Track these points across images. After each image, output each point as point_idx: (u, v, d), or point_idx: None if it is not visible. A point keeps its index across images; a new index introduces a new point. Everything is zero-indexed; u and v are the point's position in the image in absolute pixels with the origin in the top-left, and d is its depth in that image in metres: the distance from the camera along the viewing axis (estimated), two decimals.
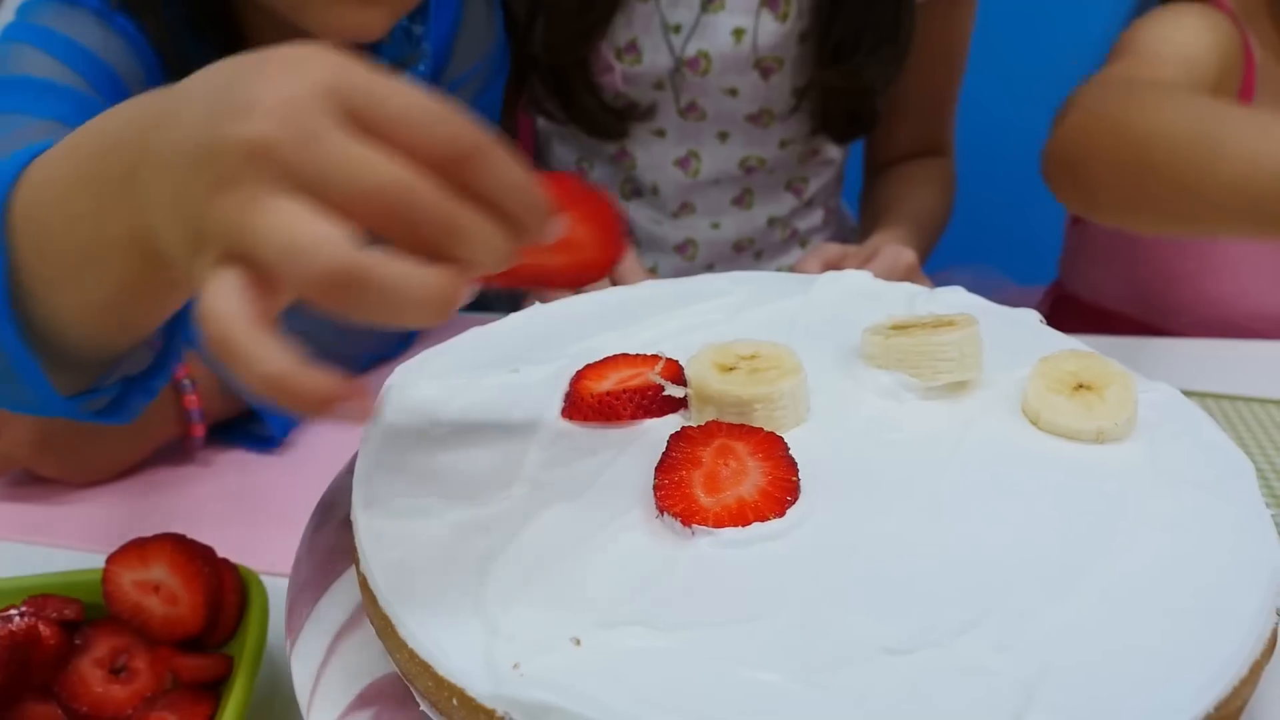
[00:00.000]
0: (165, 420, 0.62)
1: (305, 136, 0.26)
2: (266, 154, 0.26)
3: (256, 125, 0.26)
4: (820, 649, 0.26)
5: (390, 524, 0.31)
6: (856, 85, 0.90)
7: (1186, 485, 0.33)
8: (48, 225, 0.36)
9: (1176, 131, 0.57)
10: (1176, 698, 0.25)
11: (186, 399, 0.62)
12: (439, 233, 0.27)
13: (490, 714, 0.25)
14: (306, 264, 0.25)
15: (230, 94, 0.27)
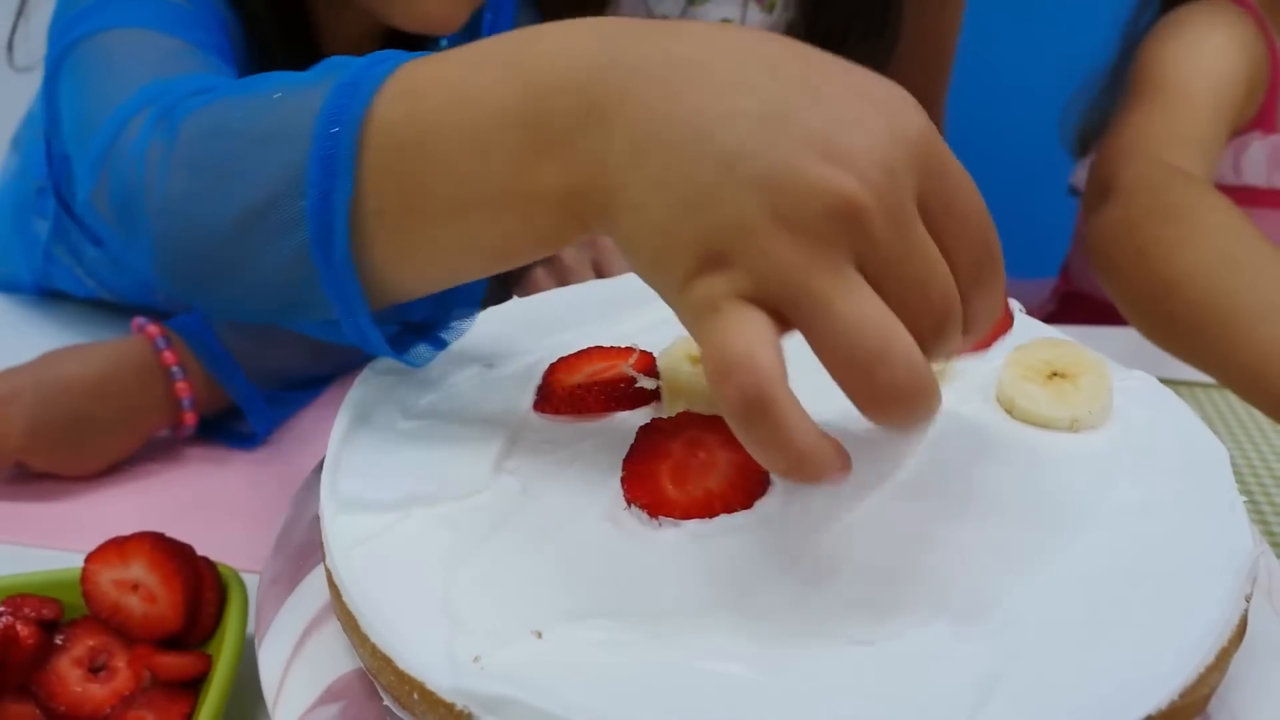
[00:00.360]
0: (157, 409, 0.62)
1: (897, 217, 0.24)
2: (856, 219, 0.24)
3: (852, 184, 0.24)
4: (781, 640, 0.26)
5: (357, 519, 0.31)
6: None
7: (1159, 472, 0.33)
8: (441, 159, 0.30)
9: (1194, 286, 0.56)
10: (1140, 685, 0.24)
11: (178, 386, 0.62)
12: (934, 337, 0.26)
13: (450, 708, 0.25)
14: (879, 379, 0.24)
15: (812, 120, 0.25)
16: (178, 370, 0.62)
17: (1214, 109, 0.72)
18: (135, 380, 0.61)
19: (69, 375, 0.60)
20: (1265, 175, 0.80)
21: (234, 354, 0.65)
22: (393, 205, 0.31)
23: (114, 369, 0.61)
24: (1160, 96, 0.74)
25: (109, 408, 0.60)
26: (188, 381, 0.63)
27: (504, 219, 0.30)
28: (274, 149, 0.33)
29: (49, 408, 0.59)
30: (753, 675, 0.25)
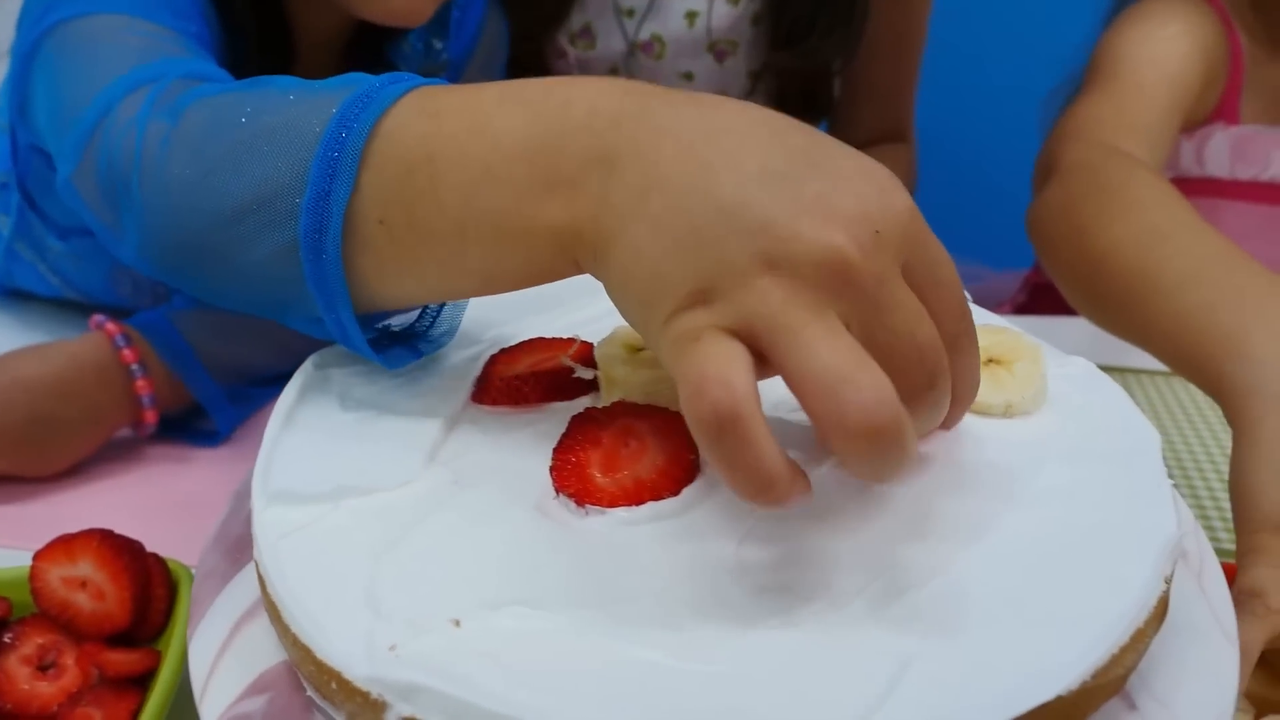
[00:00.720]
0: (117, 408, 0.62)
1: (881, 273, 0.26)
2: (843, 272, 0.25)
3: (841, 239, 0.25)
4: (701, 626, 0.26)
5: (287, 511, 0.31)
6: (811, 67, 0.90)
7: (1090, 457, 0.33)
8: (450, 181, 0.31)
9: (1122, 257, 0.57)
10: (1052, 666, 0.24)
11: (138, 384, 0.61)
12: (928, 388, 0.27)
13: (365, 696, 0.25)
14: (847, 401, 0.24)
15: (810, 183, 0.26)
16: (138, 368, 0.62)
17: (1165, 98, 0.73)
18: (95, 379, 0.61)
19: (27, 375, 0.60)
20: (1228, 167, 0.80)
21: (196, 350, 0.64)
22: (396, 218, 0.32)
23: (73, 368, 0.61)
24: (1112, 84, 0.74)
25: (69, 407, 0.60)
26: (148, 379, 0.62)
27: (501, 247, 0.31)
28: (282, 145, 0.34)
29: (8, 409, 0.58)
30: (669, 661, 0.25)
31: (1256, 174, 0.80)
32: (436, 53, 0.71)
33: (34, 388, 0.59)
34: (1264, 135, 0.79)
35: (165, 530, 0.50)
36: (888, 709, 0.23)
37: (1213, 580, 0.34)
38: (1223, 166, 0.81)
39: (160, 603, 0.47)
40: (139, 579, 0.46)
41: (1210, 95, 0.80)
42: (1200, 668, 0.30)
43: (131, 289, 0.75)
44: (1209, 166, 0.81)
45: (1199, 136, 0.80)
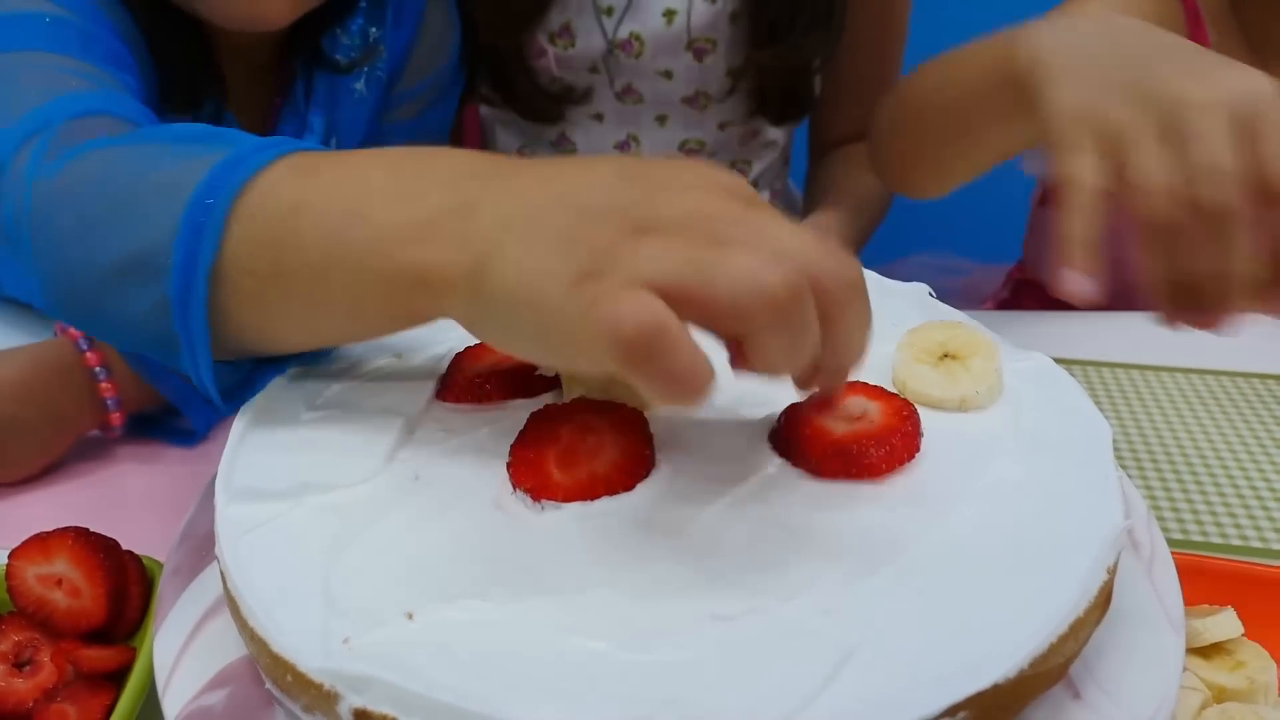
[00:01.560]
0: (82, 411, 0.62)
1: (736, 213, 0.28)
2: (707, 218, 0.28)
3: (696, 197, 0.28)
4: (649, 617, 0.26)
5: (249, 508, 0.31)
6: (792, 64, 0.90)
7: (1042, 450, 0.34)
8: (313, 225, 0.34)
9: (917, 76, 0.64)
10: (989, 654, 0.25)
11: (101, 387, 0.62)
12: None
13: (319, 688, 0.25)
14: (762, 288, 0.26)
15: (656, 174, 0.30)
16: (101, 370, 0.62)
17: None
18: (58, 382, 0.61)
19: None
20: None
21: None
22: (262, 267, 0.34)
23: (36, 371, 0.61)
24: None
25: (33, 411, 0.60)
26: (112, 382, 0.62)
27: (362, 289, 0.33)
28: (154, 205, 0.36)
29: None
30: (615, 651, 0.25)
31: None
32: (374, 43, 0.70)
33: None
34: None
35: (140, 528, 0.50)
36: (828, 696, 0.24)
37: (1163, 571, 0.34)
38: None
39: (136, 600, 0.47)
40: (114, 576, 0.46)
41: None
42: (1145, 656, 0.30)
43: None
44: None
45: None
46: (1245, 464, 0.61)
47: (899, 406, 0.34)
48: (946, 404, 0.36)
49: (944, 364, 0.36)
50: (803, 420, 0.33)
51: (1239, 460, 0.61)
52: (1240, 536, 0.55)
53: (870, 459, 0.31)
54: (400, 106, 0.74)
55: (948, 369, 0.36)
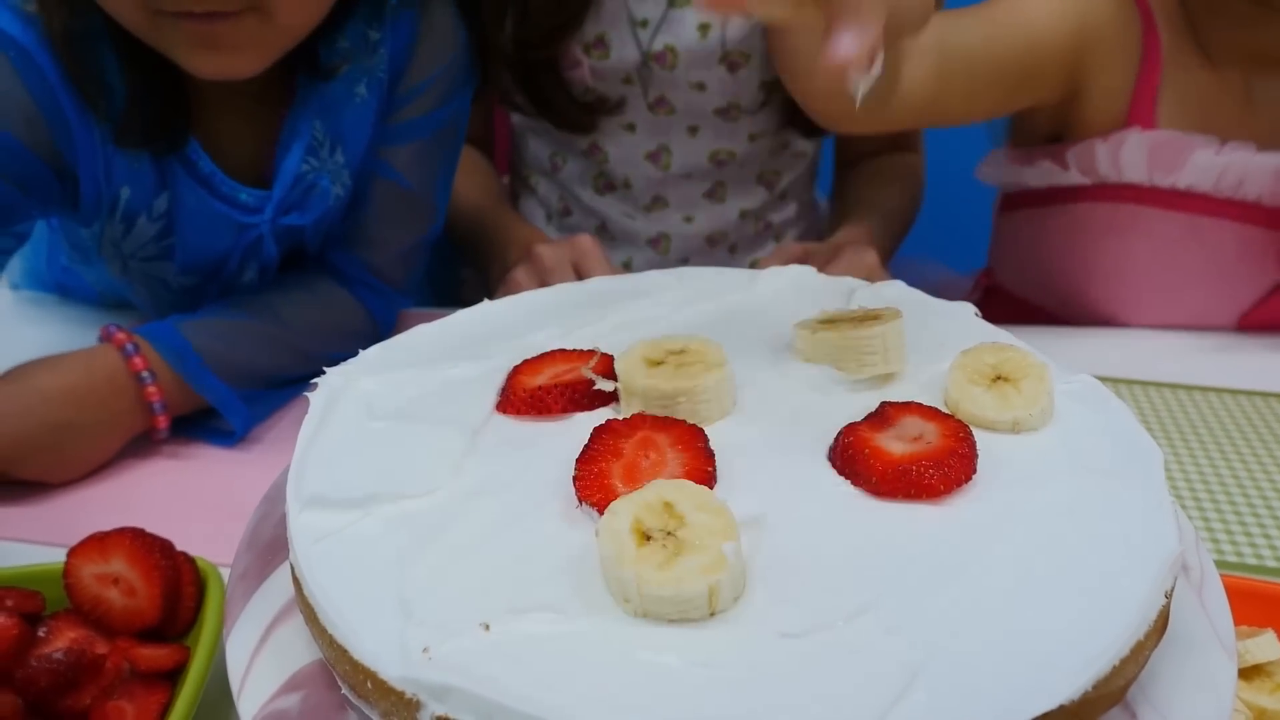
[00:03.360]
0: (130, 413, 0.63)
1: None
2: None
3: None
4: (717, 633, 0.27)
5: (321, 516, 0.32)
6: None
7: (1095, 473, 0.34)
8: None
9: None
10: (1054, 676, 0.26)
11: (148, 390, 0.63)
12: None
13: (400, 696, 0.26)
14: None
15: None
16: (148, 375, 0.64)
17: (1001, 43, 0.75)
18: (107, 386, 0.63)
19: (43, 386, 0.61)
20: (1146, 173, 0.79)
21: (204, 356, 0.66)
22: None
23: (86, 376, 0.62)
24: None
25: (85, 415, 0.62)
26: (158, 386, 0.64)
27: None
28: None
29: (27, 415, 0.60)
30: (685, 666, 0.26)
31: (1174, 181, 0.78)
32: (373, 44, 0.70)
33: (50, 396, 0.61)
34: (1180, 141, 0.77)
35: (187, 528, 0.51)
36: (897, 714, 0.24)
37: (1213, 594, 0.35)
38: (1140, 172, 0.79)
39: (189, 600, 0.48)
40: (169, 576, 0.47)
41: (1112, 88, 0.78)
42: (1198, 680, 0.31)
43: (148, 294, 0.76)
44: (1126, 173, 0.79)
45: (1114, 140, 0.79)
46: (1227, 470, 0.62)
47: (955, 428, 0.34)
48: (999, 426, 0.36)
49: (997, 386, 0.37)
50: (861, 440, 0.34)
51: (1274, 481, 0.61)
52: (1276, 558, 0.55)
53: (929, 480, 0.32)
54: (407, 106, 0.74)
55: (1001, 391, 0.37)
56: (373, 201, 0.74)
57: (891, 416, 0.35)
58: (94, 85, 0.60)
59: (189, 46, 0.58)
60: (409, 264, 0.78)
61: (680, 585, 0.27)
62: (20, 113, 0.60)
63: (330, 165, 0.70)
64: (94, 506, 0.61)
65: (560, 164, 1.01)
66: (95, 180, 0.63)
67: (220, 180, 0.67)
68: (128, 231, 0.67)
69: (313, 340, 0.72)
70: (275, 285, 0.74)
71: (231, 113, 0.67)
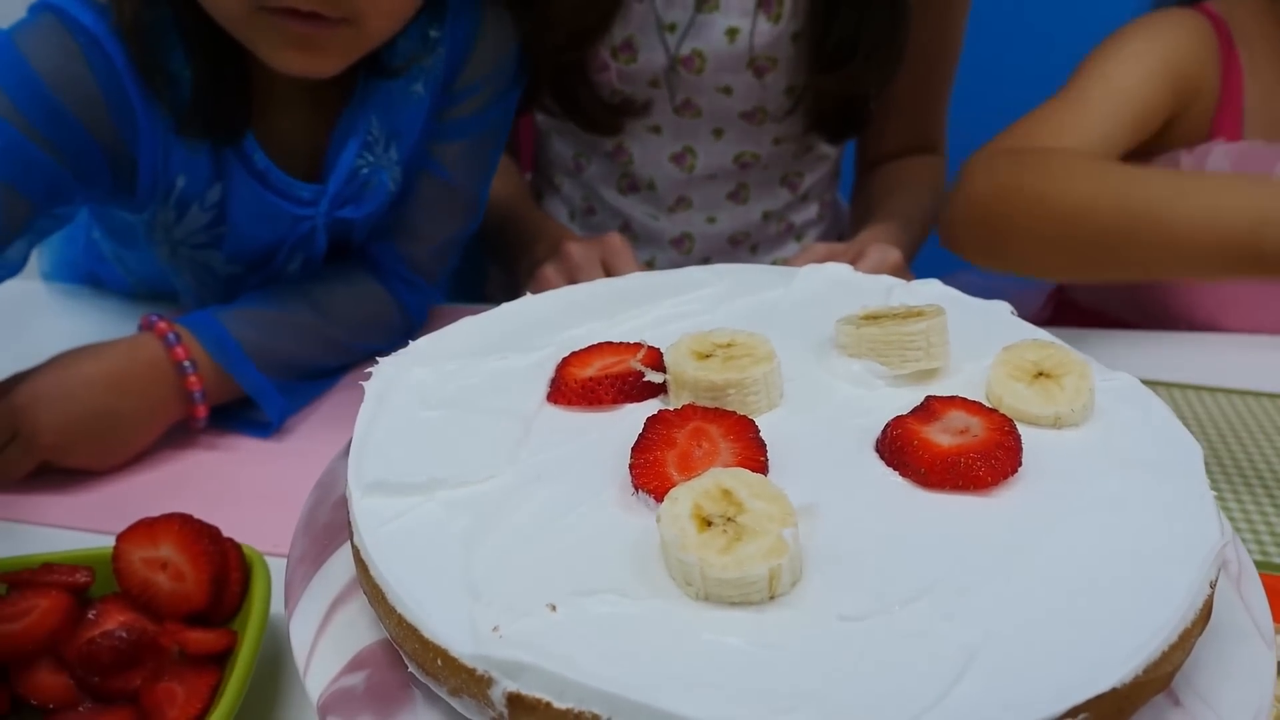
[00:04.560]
0: (171, 402, 0.64)
1: None
2: None
3: None
4: (779, 616, 0.28)
5: (383, 501, 0.33)
6: (852, 90, 0.92)
7: (1136, 467, 0.35)
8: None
9: (1102, 206, 0.66)
10: (1107, 660, 0.26)
11: (189, 380, 0.64)
12: None
13: (471, 673, 0.27)
14: None
15: None
16: (188, 365, 0.65)
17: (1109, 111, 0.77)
18: (149, 375, 0.64)
19: (87, 373, 0.62)
20: None
21: (244, 346, 0.67)
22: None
23: (129, 365, 0.63)
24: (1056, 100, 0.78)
25: (127, 402, 0.63)
26: (198, 375, 0.65)
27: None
28: None
29: (71, 401, 0.61)
30: (748, 647, 0.27)
31: None
32: (433, 42, 0.72)
33: (94, 383, 0.62)
34: (1265, 150, 0.79)
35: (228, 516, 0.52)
36: (955, 695, 0.25)
37: (1251, 587, 0.35)
38: None
39: (235, 585, 0.49)
40: (216, 562, 0.48)
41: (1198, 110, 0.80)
42: (1240, 669, 0.31)
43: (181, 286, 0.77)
44: None
45: (1199, 152, 0.80)
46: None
47: (1000, 422, 0.35)
48: (1042, 421, 0.37)
49: (1039, 382, 0.38)
50: (909, 432, 0.34)
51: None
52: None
53: (977, 472, 0.33)
54: (460, 104, 0.75)
55: (1043, 387, 0.37)
56: (418, 195, 0.76)
57: (937, 410, 0.36)
58: (160, 75, 0.62)
59: (281, 44, 0.60)
60: (444, 258, 0.80)
61: (743, 569, 0.28)
62: (85, 97, 0.61)
63: (384, 160, 0.71)
64: (134, 495, 0.62)
65: (584, 164, 1.02)
66: (153, 167, 0.65)
67: (275, 175, 0.68)
68: (180, 218, 0.69)
69: (347, 333, 0.73)
70: (312, 277, 0.75)
71: (289, 107, 0.68)
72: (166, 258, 0.72)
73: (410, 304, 0.78)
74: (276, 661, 0.50)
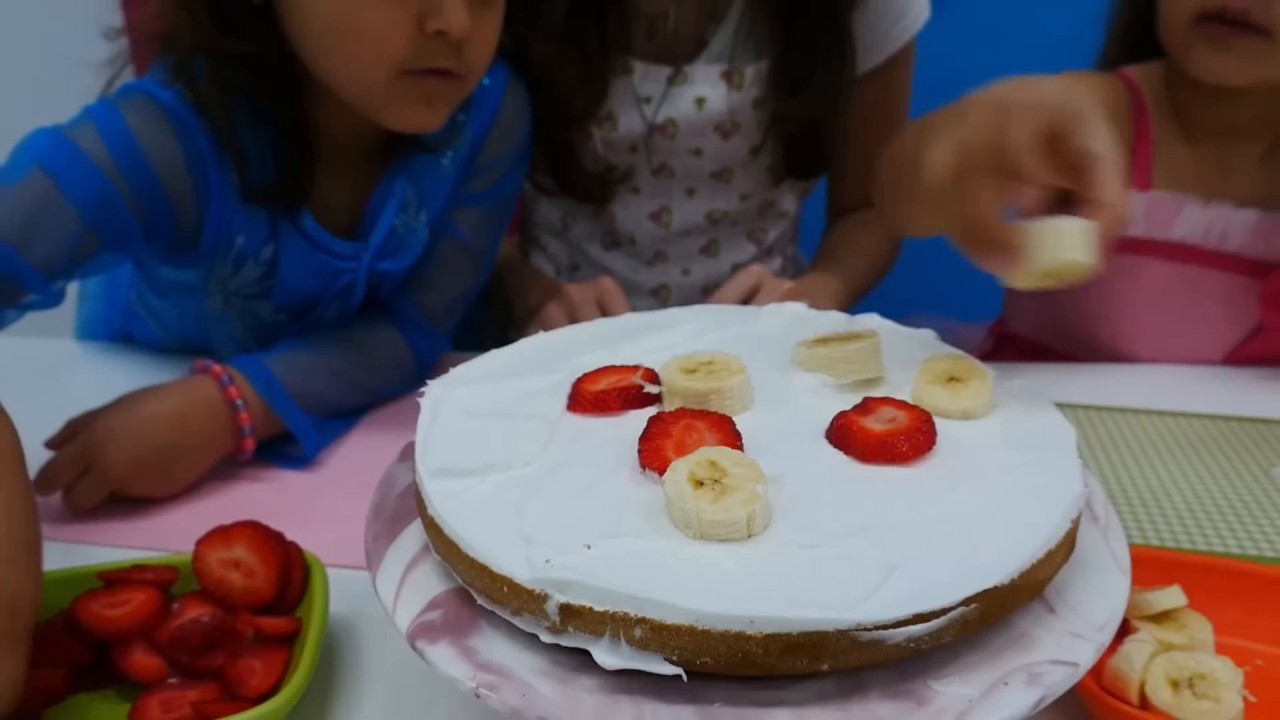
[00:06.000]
0: (224, 436, 0.74)
1: None
2: None
3: None
4: (755, 547, 0.38)
5: (448, 483, 0.43)
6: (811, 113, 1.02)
7: (1024, 445, 0.46)
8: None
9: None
10: (990, 568, 0.37)
11: (240, 416, 0.73)
12: None
13: (531, 593, 0.37)
14: None
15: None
16: (240, 403, 0.74)
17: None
18: (206, 412, 0.73)
19: (151, 412, 0.71)
20: (1144, 227, 0.93)
21: (286, 388, 0.77)
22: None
23: (188, 403, 0.73)
24: None
25: (188, 437, 0.72)
26: (249, 412, 0.74)
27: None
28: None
29: (139, 438, 0.70)
30: (737, 566, 0.37)
31: (1168, 235, 0.92)
32: (460, 126, 0.84)
33: (158, 421, 0.71)
34: (1172, 200, 0.92)
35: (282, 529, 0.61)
36: (881, 592, 0.35)
37: (1116, 536, 0.46)
38: (1140, 227, 0.93)
39: (297, 581, 0.58)
40: (282, 561, 0.57)
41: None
42: (1100, 587, 0.42)
43: (224, 336, 0.87)
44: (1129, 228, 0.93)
45: None
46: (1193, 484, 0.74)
47: (920, 414, 0.46)
48: (953, 414, 0.48)
49: (951, 384, 0.49)
50: (850, 421, 0.45)
51: (1188, 480, 0.74)
52: (1188, 537, 0.67)
53: (901, 449, 0.43)
54: (478, 177, 0.87)
55: (953, 388, 0.48)
56: (437, 254, 0.87)
57: (872, 407, 0.47)
58: (235, 150, 0.72)
59: (413, 100, 0.72)
60: (456, 310, 0.90)
61: (728, 513, 0.38)
62: (171, 165, 0.72)
63: (416, 222, 0.82)
64: (190, 518, 0.70)
65: (571, 224, 1.13)
66: (218, 228, 0.75)
67: (321, 235, 0.78)
68: (236, 272, 0.78)
69: (371, 376, 0.83)
70: (341, 326, 0.85)
71: (333, 176, 0.79)
72: (219, 306, 0.82)
73: (423, 350, 0.88)
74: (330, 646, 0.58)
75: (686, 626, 0.35)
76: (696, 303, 1.16)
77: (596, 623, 0.36)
